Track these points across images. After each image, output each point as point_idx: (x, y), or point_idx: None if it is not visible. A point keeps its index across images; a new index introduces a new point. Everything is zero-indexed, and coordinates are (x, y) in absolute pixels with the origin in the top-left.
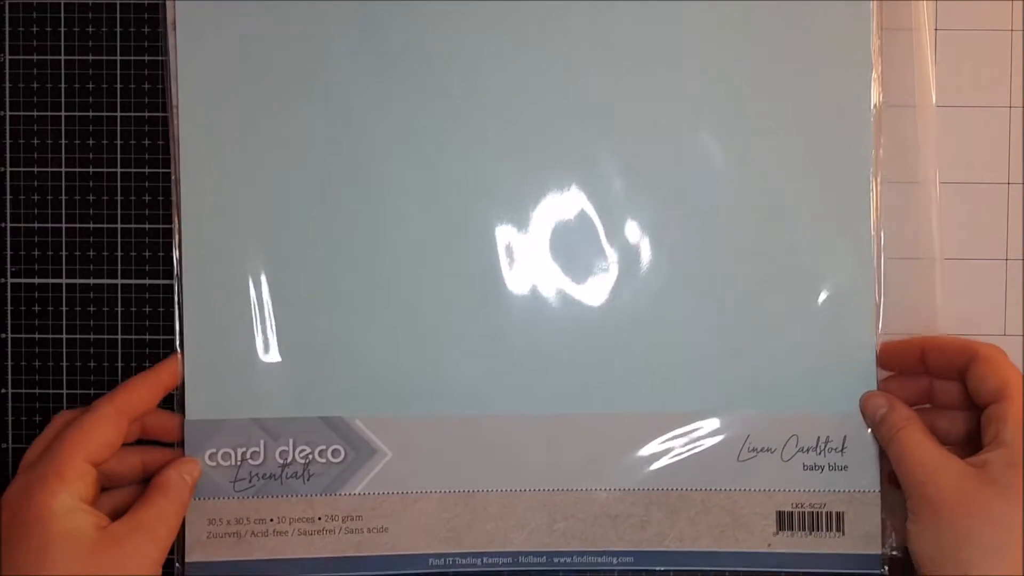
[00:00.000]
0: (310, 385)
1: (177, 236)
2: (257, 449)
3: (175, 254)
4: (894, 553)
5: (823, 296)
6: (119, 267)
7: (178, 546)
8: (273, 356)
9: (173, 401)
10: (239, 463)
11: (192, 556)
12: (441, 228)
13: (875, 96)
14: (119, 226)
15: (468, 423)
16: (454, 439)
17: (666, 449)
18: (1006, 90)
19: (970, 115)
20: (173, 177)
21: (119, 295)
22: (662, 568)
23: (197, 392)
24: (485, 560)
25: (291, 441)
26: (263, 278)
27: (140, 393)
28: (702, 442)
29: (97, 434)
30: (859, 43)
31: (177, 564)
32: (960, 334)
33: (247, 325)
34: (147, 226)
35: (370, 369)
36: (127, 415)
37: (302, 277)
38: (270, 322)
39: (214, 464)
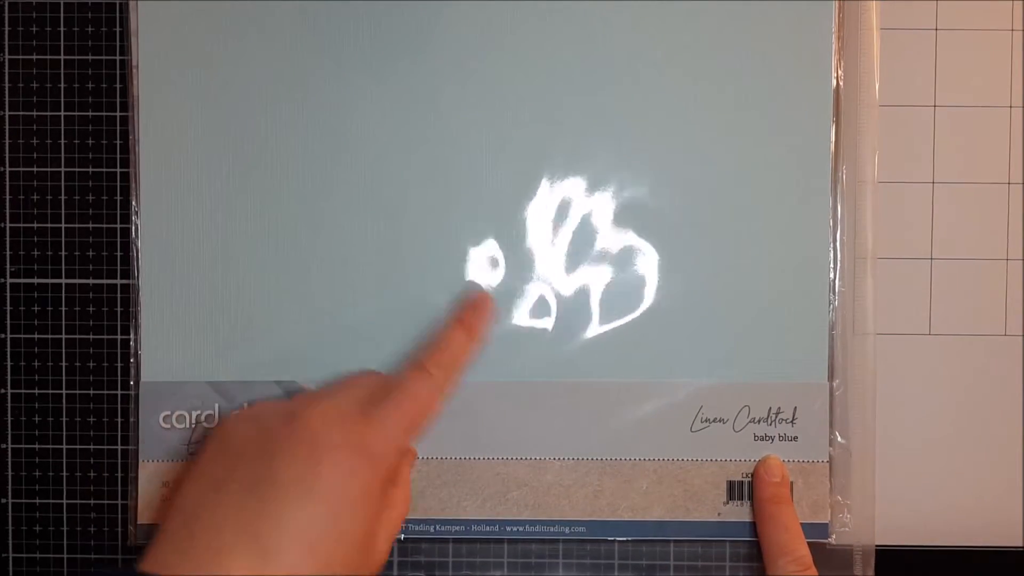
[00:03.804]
0: (266, 350)
1: (134, 187)
2: (212, 412)
3: (134, 219)
4: (844, 529)
5: (778, 267)
6: (118, 267)
7: (130, 508)
8: (230, 321)
9: (129, 365)
10: (193, 425)
11: (144, 518)
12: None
13: (833, 97)
14: (118, 226)
15: None
16: None
17: (620, 419)
18: (1006, 90)
19: (970, 115)
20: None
21: (118, 295)
22: (613, 538)
23: (154, 355)
24: (437, 527)
25: (245, 404)
26: (222, 248)
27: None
28: (656, 412)
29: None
30: (821, 44)
31: (130, 527)
32: (959, 334)
33: (205, 290)
34: None
35: (325, 335)
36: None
37: (258, 249)
38: (227, 288)
39: (168, 426)
